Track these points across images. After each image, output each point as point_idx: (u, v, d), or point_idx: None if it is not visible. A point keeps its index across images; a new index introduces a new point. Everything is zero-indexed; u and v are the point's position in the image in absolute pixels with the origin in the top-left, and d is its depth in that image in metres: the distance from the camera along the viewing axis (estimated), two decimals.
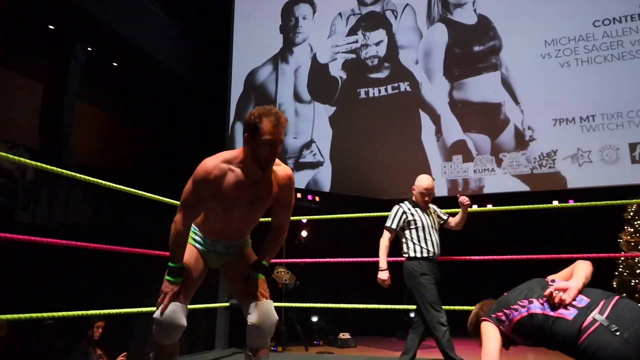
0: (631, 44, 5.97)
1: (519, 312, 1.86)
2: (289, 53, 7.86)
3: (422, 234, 3.13)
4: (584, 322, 1.67)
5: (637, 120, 5.74)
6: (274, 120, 1.83)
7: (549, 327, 1.75)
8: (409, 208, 3.21)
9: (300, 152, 7.30)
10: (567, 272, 1.96)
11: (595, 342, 1.62)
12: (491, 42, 6.65)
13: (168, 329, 1.89)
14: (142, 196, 3.19)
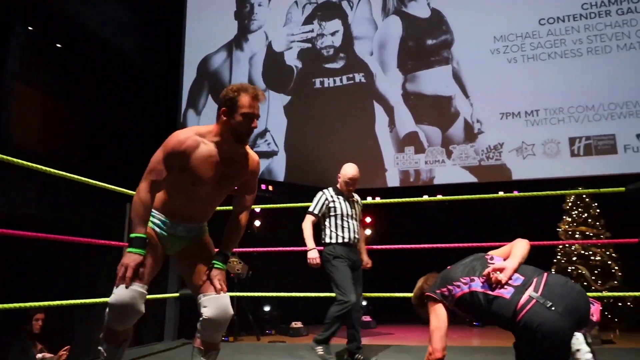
0: (573, 42, 6.26)
1: (461, 288, 1.96)
2: (244, 40, 7.73)
3: (340, 221, 3.24)
4: (520, 300, 1.79)
5: (577, 116, 6.04)
6: (252, 93, 1.88)
7: (489, 305, 1.86)
8: (332, 195, 3.32)
9: (254, 141, 7.22)
10: (506, 250, 2.08)
11: (534, 318, 1.73)
12: (443, 36, 6.79)
13: (125, 314, 1.79)
14: (87, 183, 3.06)
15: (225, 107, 1.88)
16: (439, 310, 2.02)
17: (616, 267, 5.86)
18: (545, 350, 1.71)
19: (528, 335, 1.75)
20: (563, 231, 6.21)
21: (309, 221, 3.26)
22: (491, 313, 1.87)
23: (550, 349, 1.71)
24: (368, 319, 6.22)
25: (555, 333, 1.71)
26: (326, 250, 3.21)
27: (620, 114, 5.89)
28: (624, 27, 6.11)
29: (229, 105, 1.88)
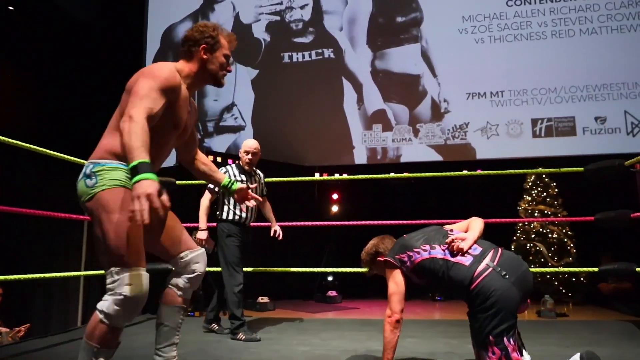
0: (538, 25, 6.38)
1: (421, 255, 2.09)
2: (210, 10, 7.50)
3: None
4: (478, 268, 1.96)
5: (540, 98, 6.19)
6: (231, 35, 1.84)
7: (447, 270, 2.01)
8: (235, 173, 3.33)
9: (220, 116, 7.09)
10: (463, 225, 2.23)
11: (490, 284, 1.92)
12: (413, 14, 6.78)
13: (140, 306, 1.55)
14: (44, 154, 2.93)
15: (206, 45, 1.76)
16: (397, 276, 2.14)
17: (571, 244, 6.12)
18: (496, 313, 1.88)
19: (481, 300, 1.91)
20: (523, 209, 6.42)
21: (207, 198, 3.32)
22: (449, 278, 2.01)
23: (501, 313, 1.88)
24: (334, 294, 6.31)
25: (508, 298, 1.90)
26: (220, 227, 3.28)
27: (580, 97, 6.08)
28: (587, 12, 6.26)
29: (210, 43, 1.77)
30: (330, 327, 3.65)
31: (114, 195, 1.56)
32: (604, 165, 3.44)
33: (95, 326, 1.50)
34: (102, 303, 1.52)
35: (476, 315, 1.94)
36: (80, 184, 1.61)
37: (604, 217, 3.44)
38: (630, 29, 6.09)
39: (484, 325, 1.90)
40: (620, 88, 5.99)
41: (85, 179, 1.60)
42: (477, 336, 1.94)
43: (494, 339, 1.88)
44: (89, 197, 1.58)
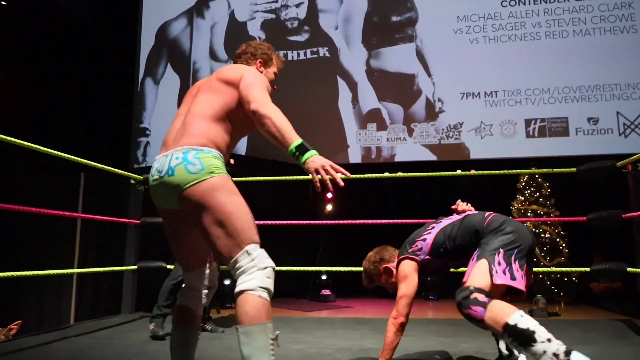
0: (532, 25, 6.40)
1: (432, 233, 2.16)
2: (205, 7, 7.47)
3: None
4: (486, 213, 2.10)
5: (533, 98, 6.22)
6: (281, 58, 2.05)
7: (460, 225, 2.09)
8: None
9: None
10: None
11: (500, 218, 2.03)
12: (408, 14, 6.79)
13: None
14: (37, 151, 2.91)
15: (262, 60, 1.92)
16: (410, 279, 2.14)
17: (564, 244, 6.16)
18: (511, 234, 1.91)
19: (497, 225, 1.97)
20: (516, 209, 6.46)
21: None
22: (463, 229, 2.07)
23: (515, 236, 1.91)
24: (328, 293, 6.31)
25: (523, 232, 1.95)
26: None
27: (573, 97, 6.11)
28: (581, 13, 6.29)
29: (265, 59, 1.94)
30: (324, 326, 3.66)
31: (226, 180, 1.55)
32: (596, 166, 3.47)
33: (260, 305, 1.42)
34: (251, 282, 1.45)
35: (488, 235, 1.96)
36: (180, 169, 1.51)
37: (596, 217, 3.48)
38: (623, 31, 6.13)
39: (496, 240, 1.90)
40: (613, 89, 6.03)
41: (186, 165, 1.51)
42: (485, 248, 1.91)
43: (504, 252, 1.85)
44: (193, 183, 1.50)
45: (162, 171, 1.55)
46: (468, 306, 1.77)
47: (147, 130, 7.24)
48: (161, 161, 1.57)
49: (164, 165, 1.54)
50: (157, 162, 1.60)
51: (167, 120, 7.24)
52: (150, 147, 7.18)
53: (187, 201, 1.51)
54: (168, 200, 1.57)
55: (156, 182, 1.57)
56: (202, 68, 7.23)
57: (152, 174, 1.61)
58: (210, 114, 1.64)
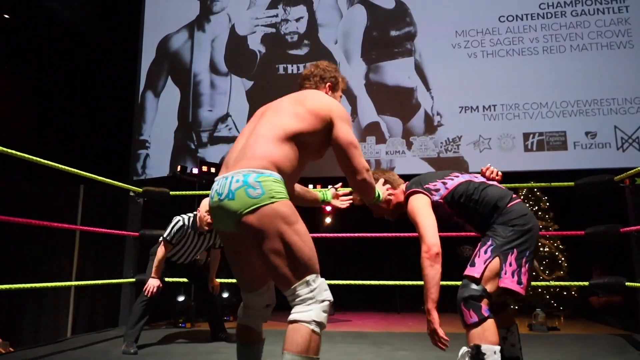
0: (530, 40, 6.47)
1: (455, 180, 2.04)
2: (206, 21, 7.55)
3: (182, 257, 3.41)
4: (513, 194, 2.00)
5: (531, 112, 6.26)
6: (345, 79, 2.03)
7: (484, 189, 1.98)
8: (186, 227, 3.30)
9: (215, 126, 7.10)
10: None
11: (523, 207, 1.94)
12: (407, 28, 6.86)
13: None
14: (37, 163, 2.92)
15: (331, 83, 1.92)
16: (426, 207, 2.00)
17: (563, 258, 6.15)
18: (528, 233, 1.87)
19: (516, 216, 1.90)
20: None
21: (162, 252, 3.24)
22: (484, 196, 1.97)
23: (532, 237, 1.87)
24: None
25: (537, 232, 1.92)
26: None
27: (571, 112, 6.16)
28: (578, 29, 6.37)
29: (334, 82, 1.94)
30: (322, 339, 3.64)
31: (289, 206, 1.50)
32: (594, 180, 3.48)
33: (309, 338, 1.42)
34: (307, 314, 1.44)
35: (506, 225, 1.88)
36: (240, 193, 1.46)
37: (594, 232, 3.48)
38: (620, 46, 6.19)
39: (512, 236, 1.84)
40: (610, 103, 6.07)
41: (247, 188, 1.46)
42: (500, 241, 1.85)
43: (518, 253, 1.82)
44: (254, 208, 1.45)
45: (222, 194, 1.50)
46: (469, 308, 1.76)
47: (147, 143, 7.26)
48: (221, 183, 1.52)
49: (224, 188, 1.49)
50: (216, 184, 1.55)
51: (167, 132, 7.29)
52: (150, 159, 7.21)
53: (246, 226, 1.47)
54: (227, 224, 1.52)
55: (215, 205, 1.53)
56: (202, 81, 7.28)
57: (211, 196, 1.56)
58: (279, 135, 1.58)
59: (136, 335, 3.13)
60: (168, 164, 7.06)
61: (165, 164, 7.07)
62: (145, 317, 3.19)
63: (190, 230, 3.29)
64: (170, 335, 3.77)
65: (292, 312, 1.46)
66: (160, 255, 3.22)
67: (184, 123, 7.22)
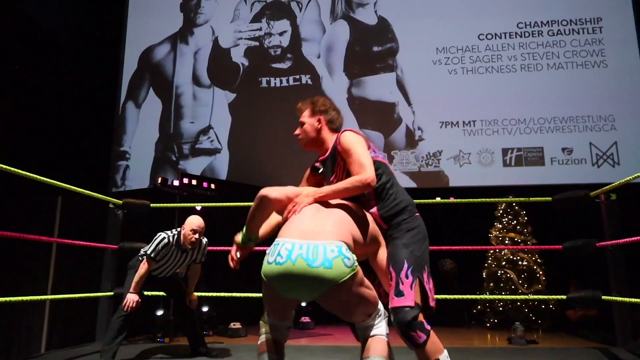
0: (508, 58, 6.63)
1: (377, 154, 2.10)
2: (189, 34, 7.55)
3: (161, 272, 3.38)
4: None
5: (510, 128, 6.39)
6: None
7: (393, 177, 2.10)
8: (173, 244, 3.28)
9: (197, 138, 7.07)
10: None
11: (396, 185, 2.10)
12: (389, 44, 6.97)
13: None
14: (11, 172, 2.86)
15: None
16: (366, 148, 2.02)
17: (540, 271, 6.24)
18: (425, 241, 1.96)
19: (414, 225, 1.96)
20: (494, 237, 6.53)
21: (145, 268, 3.20)
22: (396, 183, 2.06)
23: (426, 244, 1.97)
24: (307, 320, 6.24)
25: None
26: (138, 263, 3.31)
27: (548, 128, 6.31)
28: (554, 48, 6.55)
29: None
30: (304, 354, 3.62)
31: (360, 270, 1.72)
32: (570, 196, 3.56)
33: (387, 346, 1.79)
34: (382, 329, 1.80)
35: (404, 234, 1.91)
36: (339, 263, 1.58)
37: (571, 246, 3.54)
38: (594, 65, 6.38)
39: (420, 249, 1.90)
40: (586, 121, 6.24)
41: (344, 259, 1.60)
42: (414, 264, 1.86)
43: (427, 268, 1.90)
44: (350, 276, 1.61)
45: (311, 260, 1.56)
46: (415, 329, 1.79)
47: (127, 154, 7.18)
48: (307, 248, 1.59)
49: (317, 255, 1.57)
50: (297, 246, 1.60)
51: (148, 144, 7.20)
52: (130, 171, 7.12)
53: (338, 292, 1.62)
54: (313, 289, 1.62)
55: (296, 269, 1.57)
56: (184, 93, 7.26)
57: (288, 257, 1.58)
58: (346, 228, 1.77)
59: (114, 351, 3.07)
60: (148, 176, 6.99)
61: (146, 176, 6.99)
62: (124, 333, 3.14)
63: (174, 247, 3.26)
64: (148, 350, 3.70)
65: (368, 331, 1.79)
66: (142, 271, 3.17)
67: (165, 135, 7.17)
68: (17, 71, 6.47)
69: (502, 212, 6.68)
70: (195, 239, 3.22)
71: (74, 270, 4.50)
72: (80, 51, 7.45)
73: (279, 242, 1.66)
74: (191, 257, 3.40)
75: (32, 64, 6.62)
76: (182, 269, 3.56)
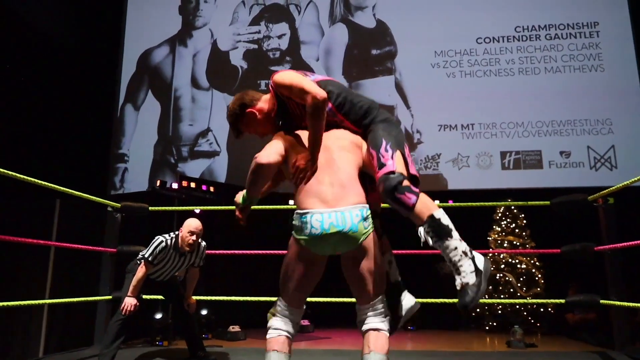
0: (506, 62, 6.65)
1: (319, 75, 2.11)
2: (188, 36, 7.55)
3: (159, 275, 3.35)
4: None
5: (508, 131, 6.41)
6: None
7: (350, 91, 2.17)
8: (169, 248, 3.25)
9: (195, 140, 7.06)
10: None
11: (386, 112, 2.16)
12: (387, 47, 6.98)
13: None
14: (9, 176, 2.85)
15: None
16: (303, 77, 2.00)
17: (539, 275, 6.25)
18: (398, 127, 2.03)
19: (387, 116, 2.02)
20: (493, 240, 6.54)
21: (142, 272, 3.16)
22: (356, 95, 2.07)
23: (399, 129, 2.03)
24: (306, 323, 6.23)
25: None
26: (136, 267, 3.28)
27: (546, 131, 6.32)
28: (552, 52, 6.57)
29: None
30: (303, 357, 3.61)
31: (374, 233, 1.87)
32: (568, 200, 3.56)
33: (387, 343, 1.85)
34: (385, 324, 1.86)
35: (378, 124, 1.97)
36: (360, 225, 1.78)
37: (570, 250, 3.55)
38: (591, 69, 6.41)
39: (395, 131, 1.96)
40: (583, 124, 6.26)
41: (363, 221, 1.79)
42: (393, 141, 1.92)
43: (405, 145, 1.96)
44: (366, 237, 1.79)
45: (342, 226, 1.77)
46: (403, 192, 1.81)
47: (126, 156, 7.17)
48: (335, 216, 1.77)
49: (346, 221, 1.77)
50: (326, 216, 1.77)
51: (147, 147, 7.17)
52: (129, 173, 7.11)
53: (362, 248, 1.81)
54: (336, 249, 1.82)
55: (332, 233, 1.77)
56: (183, 95, 7.25)
57: (322, 228, 1.77)
58: (356, 174, 1.92)
59: (112, 355, 3.05)
60: (147, 178, 6.97)
61: (144, 178, 6.98)
62: (122, 337, 3.12)
63: (171, 250, 3.25)
64: (147, 354, 3.69)
65: (371, 322, 1.86)
66: (140, 275, 3.16)
67: (164, 137, 7.16)
68: (15, 74, 6.46)
69: (500, 215, 6.68)
70: (192, 241, 3.21)
71: (72, 273, 4.49)
72: (78, 54, 7.45)
73: (307, 214, 1.79)
74: (189, 260, 3.39)
75: (30, 66, 6.62)
76: (180, 272, 3.55)
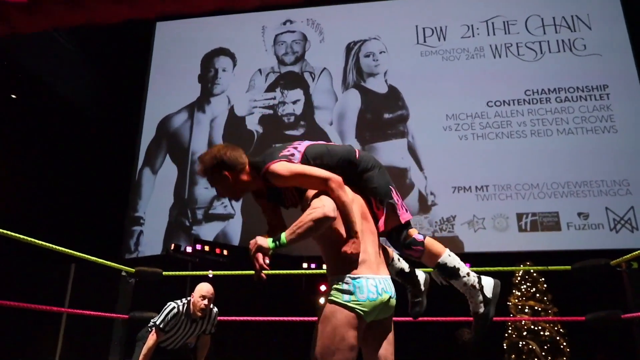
0: (517, 124, 6.72)
1: (302, 144, 2.08)
2: (206, 103, 7.83)
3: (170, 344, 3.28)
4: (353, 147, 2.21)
5: (523, 193, 6.36)
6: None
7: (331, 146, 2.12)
8: (182, 314, 3.21)
9: (210, 203, 7.13)
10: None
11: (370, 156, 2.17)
12: (400, 111, 7.13)
13: None
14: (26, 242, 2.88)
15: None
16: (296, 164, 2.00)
17: (564, 342, 5.96)
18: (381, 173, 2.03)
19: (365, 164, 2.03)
20: (513, 305, 6.31)
21: (153, 340, 3.13)
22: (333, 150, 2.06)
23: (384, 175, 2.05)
24: None
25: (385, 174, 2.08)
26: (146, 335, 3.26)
27: (562, 193, 6.26)
28: (563, 114, 6.64)
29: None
30: None
31: None
32: (590, 264, 3.46)
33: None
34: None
35: (362, 175, 2.00)
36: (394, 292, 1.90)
37: (595, 318, 3.40)
38: (604, 131, 6.43)
39: (384, 179, 2.00)
40: (600, 185, 6.19)
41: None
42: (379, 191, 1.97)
43: (392, 187, 2.00)
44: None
45: (390, 292, 1.86)
46: (410, 247, 1.97)
47: (142, 219, 7.24)
48: (385, 283, 1.87)
49: (392, 287, 1.89)
50: (377, 281, 1.84)
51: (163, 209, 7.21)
52: (144, 236, 7.14)
53: (391, 317, 1.92)
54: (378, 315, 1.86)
55: (384, 299, 1.84)
56: None
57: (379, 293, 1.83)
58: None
59: None
60: (162, 241, 6.99)
61: (159, 241, 7.00)
62: None
63: (183, 317, 3.20)
64: None
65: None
66: (151, 343, 3.10)
67: (180, 200, 7.25)
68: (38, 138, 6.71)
69: (520, 279, 6.49)
70: (204, 305, 3.16)
71: (83, 339, 4.42)
72: (100, 120, 7.74)
73: (360, 278, 1.81)
74: (201, 327, 3.32)
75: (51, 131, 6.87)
76: (191, 339, 3.47)
